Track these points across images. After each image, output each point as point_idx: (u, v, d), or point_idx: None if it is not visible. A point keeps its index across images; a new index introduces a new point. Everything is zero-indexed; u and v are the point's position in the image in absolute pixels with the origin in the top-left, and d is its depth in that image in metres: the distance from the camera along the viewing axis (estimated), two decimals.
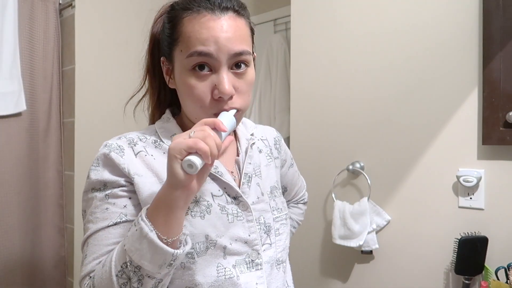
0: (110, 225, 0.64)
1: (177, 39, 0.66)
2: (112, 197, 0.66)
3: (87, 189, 0.69)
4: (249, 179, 0.75)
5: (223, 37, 0.63)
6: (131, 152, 0.68)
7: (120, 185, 0.66)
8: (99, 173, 0.67)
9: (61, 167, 1.62)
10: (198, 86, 0.64)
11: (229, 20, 0.64)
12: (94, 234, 0.65)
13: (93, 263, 0.63)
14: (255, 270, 0.70)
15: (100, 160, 0.68)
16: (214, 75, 0.64)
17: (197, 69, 0.64)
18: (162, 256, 0.56)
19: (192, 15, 0.64)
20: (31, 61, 1.53)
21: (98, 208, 0.66)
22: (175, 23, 0.67)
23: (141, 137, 0.72)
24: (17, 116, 1.48)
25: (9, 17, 1.44)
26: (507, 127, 1.08)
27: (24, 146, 1.50)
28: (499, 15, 1.09)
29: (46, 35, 1.57)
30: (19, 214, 1.48)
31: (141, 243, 0.55)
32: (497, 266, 1.08)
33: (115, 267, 0.57)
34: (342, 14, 1.44)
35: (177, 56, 0.67)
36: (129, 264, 0.56)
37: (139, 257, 0.55)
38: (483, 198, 1.14)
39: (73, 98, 1.59)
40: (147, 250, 0.55)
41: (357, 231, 1.32)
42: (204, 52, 0.62)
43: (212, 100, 0.65)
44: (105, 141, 0.70)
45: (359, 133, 1.40)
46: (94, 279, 0.60)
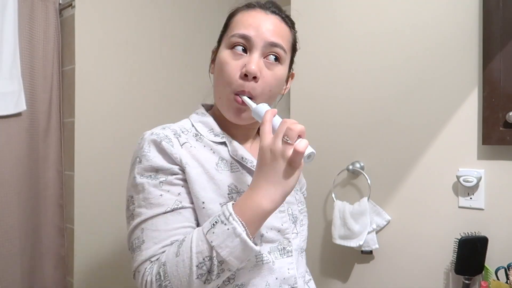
0: (168, 211, 0.67)
1: (227, 26, 0.78)
2: (167, 184, 0.68)
3: (138, 174, 0.70)
4: None
5: (264, 27, 0.73)
6: (177, 143, 0.72)
7: (174, 173, 0.69)
8: (152, 159, 0.69)
9: (61, 167, 1.62)
10: (232, 63, 0.73)
11: (275, 20, 0.75)
12: (149, 219, 0.67)
13: (155, 248, 0.65)
14: (286, 256, 0.76)
15: (151, 147, 0.70)
16: (247, 57, 0.73)
17: (236, 49, 0.73)
18: (248, 253, 0.61)
19: (247, 10, 0.77)
20: (31, 61, 1.53)
21: (152, 194, 0.68)
22: (231, 14, 0.79)
23: (182, 130, 0.76)
24: (17, 116, 1.48)
25: (9, 17, 1.44)
26: (507, 127, 1.08)
27: (24, 146, 1.50)
28: (499, 15, 1.09)
29: (46, 35, 1.57)
30: (19, 214, 1.48)
31: (233, 241, 0.60)
32: (497, 266, 1.08)
33: (196, 259, 0.60)
34: (342, 14, 1.44)
35: (224, 40, 0.77)
36: (214, 258, 0.60)
37: (229, 253, 0.60)
38: (483, 198, 1.14)
39: (73, 98, 1.59)
40: (237, 248, 0.60)
41: (357, 231, 1.32)
42: (244, 34, 0.72)
43: (238, 78, 0.72)
44: (148, 131, 0.74)
45: (359, 133, 1.40)
46: (166, 266, 0.62)
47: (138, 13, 1.76)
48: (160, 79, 1.83)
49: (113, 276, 1.67)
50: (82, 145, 1.59)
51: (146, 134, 0.73)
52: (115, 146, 1.67)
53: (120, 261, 1.69)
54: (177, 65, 1.90)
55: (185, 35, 1.93)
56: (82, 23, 1.59)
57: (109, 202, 1.65)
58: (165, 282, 0.61)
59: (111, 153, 1.66)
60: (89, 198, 1.60)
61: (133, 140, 1.71)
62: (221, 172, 0.73)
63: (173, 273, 0.61)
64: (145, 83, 1.78)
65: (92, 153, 1.61)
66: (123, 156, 1.70)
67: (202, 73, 2.00)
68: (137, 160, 0.71)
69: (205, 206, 0.69)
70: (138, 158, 0.71)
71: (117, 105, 1.69)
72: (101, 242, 1.63)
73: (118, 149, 1.68)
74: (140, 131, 1.74)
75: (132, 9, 1.74)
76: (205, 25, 2.02)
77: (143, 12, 1.77)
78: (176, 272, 0.61)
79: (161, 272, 0.62)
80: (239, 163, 0.77)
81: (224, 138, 0.78)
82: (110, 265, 1.66)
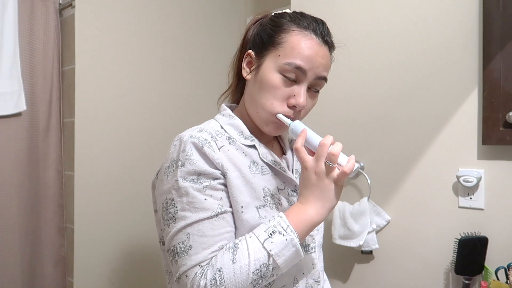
0: (213, 216, 0.69)
1: (278, 43, 0.76)
2: (210, 189, 0.70)
3: (180, 177, 0.70)
4: (299, 175, 0.86)
5: (319, 62, 0.75)
6: (216, 146, 0.73)
7: (216, 178, 0.71)
8: (196, 163, 0.70)
9: (61, 167, 1.62)
10: (282, 89, 0.75)
11: (326, 51, 0.77)
12: (195, 224, 0.68)
13: (204, 254, 0.67)
14: (310, 252, 0.82)
15: (193, 150, 0.71)
16: (296, 87, 0.75)
17: (287, 76, 0.74)
18: (297, 259, 0.69)
19: (301, 31, 0.75)
20: (31, 61, 1.53)
21: (196, 198, 0.69)
22: (281, 29, 0.77)
23: (216, 132, 0.77)
24: (17, 116, 1.48)
25: (9, 17, 1.44)
26: (507, 127, 1.08)
27: (24, 146, 1.50)
28: (499, 15, 1.09)
29: (46, 35, 1.57)
30: (19, 214, 1.48)
31: (290, 250, 0.66)
32: (497, 266, 1.09)
33: (254, 265, 0.65)
34: (342, 14, 1.44)
35: (272, 56, 0.76)
36: (270, 266, 0.66)
37: (284, 261, 0.66)
38: (483, 198, 1.14)
39: (73, 98, 1.58)
40: (291, 257, 0.67)
41: (357, 231, 1.32)
42: (301, 67, 0.73)
43: (284, 105, 0.76)
44: (185, 133, 0.74)
45: (359, 133, 1.40)
46: (223, 272, 0.65)
47: (138, 13, 1.76)
48: (160, 79, 1.83)
49: (113, 276, 1.67)
50: (82, 145, 1.59)
51: (185, 137, 0.73)
52: (115, 146, 1.67)
53: (120, 261, 1.69)
54: (177, 65, 1.90)
55: (185, 35, 1.93)
56: (82, 23, 1.59)
57: (109, 202, 1.65)
58: (220, 287, 0.64)
59: (111, 153, 1.66)
60: (89, 198, 1.60)
61: (134, 139, 1.73)
62: (254, 175, 0.76)
63: (230, 278, 0.65)
64: (145, 83, 1.78)
65: (92, 153, 1.61)
66: (123, 156, 1.70)
67: (202, 73, 2.01)
68: (180, 163, 0.71)
69: (243, 210, 0.72)
70: (181, 161, 0.71)
71: (117, 105, 1.69)
72: (101, 242, 1.63)
73: (118, 149, 1.68)
74: (140, 131, 1.75)
75: (132, 9, 1.74)
76: (205, 25, 2.02)
77: (143, 12, 1.77)
78: (233, 278, 0.64)
79: (217, 278, 0.65)
80: (269, 165, 0.79)
81: (253, 141, 0.80)
82: (110, 265, 1.66)
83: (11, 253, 1.45)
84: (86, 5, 1.60)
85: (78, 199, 1.58)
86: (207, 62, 2.02)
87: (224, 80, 0.91)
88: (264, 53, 0.77)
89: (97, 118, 1.63)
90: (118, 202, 1.68)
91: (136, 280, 1.73)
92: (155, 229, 1.90)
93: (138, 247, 1.73)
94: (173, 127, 1.84)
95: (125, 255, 1.70)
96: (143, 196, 1.75)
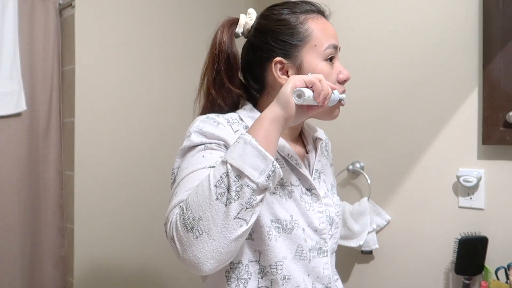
0: (205, 167, 0.68)
1: (307, 36, 0.78)
2: (210, 149, 0.71)
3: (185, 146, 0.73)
4: (319, 175, 0.86)
5: (336, 34, 0.81)
6: (231, 129, 0.75)
7: (218, 144, 0.72)
8: (203, 130, 0.73)
9: (61, 167, 1.62)
10: (332, 72, 0.79)
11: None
12: (188, 175, 0.68)
13: (184, 194, 0.64)
14: (322, 256, 0.80)
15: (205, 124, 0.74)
16: (335, 64, 0.80)
17: (329, 60, 0.79)
18: (263, 162, 0.60)
19: (313, 16, 0.80)
20: (31, 61, 1.53)
21: (195, 156, 0.70)
22: (298, 23, 0.79)
23: (233, 120, 0.78)
24: (17, 116, 1.48)
25: (9, 17, 1.44)
26: (507, 127, 1.08)
27: (24, 146, 1.50)
28: (499, 15, 1.09)
29: (46, 35, 1.57)
30: (19, 214, 1.48)
31: (245, 149, 0.60)
32: (497, 266, 1.08)
33: (213, 178, 0.59)
34: (342, 14, 1.44)
35: (307, 51, 0.78)
36: (229, 171, 0.58)
37: (242, 161, 0.59)
38: (483, 198, 1.14)
39: (73, 98, 1.58)
40: (250, 155, 0.59)
41: (357, 231, 1.32)
42: (336, 45, 0.79)
43: (338, 84, 0.80)
44: (203, 116, 0.76)
45: (359, 133, 1.40)
46: (188, 198, 0.60)
47: (138, 13, 1.76)
48: (160, 79, 1.83)
49: (113, 276, 1.67)
50: (82, 145, 1.59)
51: (201, 117, 0.76)
52: (115, 146, 1.67)
53: (120, 261, 1.69)
54: (177, 65, 1.90)
55: (185, 35, 1.93)
56: (82, 23, 1.59)
57: (109, 202, 1.65)
58: (187, 214, 0.58)
59: (111, 153, 1.66)
60: (89, 198, 1.60)
61: (134, 139, 1.73)
62: None
63: (194, 200, 0.59)
64: (145, 83, 1.78)
65: (92, 153, 1.61)
66: (123, 156, 1.70)
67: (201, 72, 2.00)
68: (188, 134, 0.74)
69: None
70: (189, 132, 0.74)
71: (117, 105, 1.69)
72: (101, 242, 1.63)
73: (118, 149, 1.68)
74: (140, 130, 1.75)
75: (132, 9, 1.74)
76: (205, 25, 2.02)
77: (143, 12, 1.77)
78: (197, 199, 0.59)
79: (183, 206, 0.60)
80: (284, 159, 0.79)
81: None
82: (110, 265, 1.66)
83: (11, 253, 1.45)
84: (86, 5, 1.60)
85: (78, 199, 1.58)
86: None
87: None
88: (297, 52, 0.78)
89: (97, 118, 1.63)
90: (118, 202, 1.68)
91: (136, 280, 1.73)
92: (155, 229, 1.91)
93: (138, 247, 1.73)
94: (173, 127, 1.84)
95: (125, 255, 1.69)
96: (143, 196, 1.75)
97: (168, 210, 0.65)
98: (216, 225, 0.57)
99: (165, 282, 1.81)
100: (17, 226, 1.47)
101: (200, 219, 0.58)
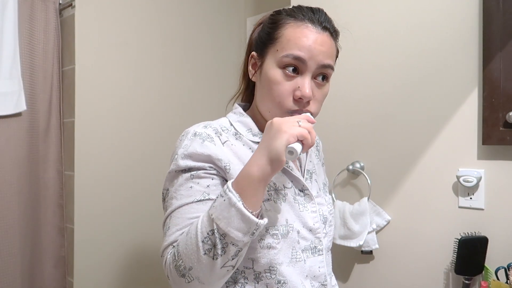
0: (194, 202, 0.70)
1: (276, 39, 0.75)
2: (197, 178, 0.72)
3: (174, 166, 0.74)
4: (310, 176, 0.87)
5: (318, 49, 0.73)
6: (219, 141, 0.75)
7: (204, 168, 0.72)
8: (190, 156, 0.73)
9: (61, 167, 1.62)
10: (284, 83, 0.73)
11: (325, 38, 0.75)
12: (178, 208, 0.71)
13: (176, 234, 0.68)
14: (317, 255, 0.81)
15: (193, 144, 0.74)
16: (299, 78, 0.74)
17: (287, 69, 0.73)
18: (247, 225, 0.61)
19: (296, 22, 0.74)
20: (31, 61, 1.53)
21: (183, 186, 0.72)
22: (278, 24, 0.76)
23: (223, 128, 0.79)
24: (17, 116, 1.48)
25: (9, 17, 1.44)
26: (507, 127, 1.08)
27: (24, 146, 1.50)
28: (499, 15, 1.09)
29: (46, 35, 1.57)
30: (19, 214, 1.48)
31: (229, 211, 0.61)
32: (497, 266, 1.08)
33: (201, 234, 0.62)
34: (341, 14, 1.44)
35: (271, 53, 0.76)
36: (216, 231, 0.61)
37: (227, 224, 0.61)
38: (483, 198, 1.14)
39: (73, 98, 1.59)
40: (234, 218, 0.61)
41: (357, 231, 1.32)
42: (299, 56, 0.72)
43: (291, 99, 0.74)
44: (191, 128, 0.77)
45: (359, 133, 1.40)
46: (179, 246, 0.65)
47: (138, 13, 1.76)
48: (160, 79, 1.83)
49: (113, 276, 1.67)
50: (82, 145, 1.59)
51: (189, 133, 0.76)
52: (115, 146, 1.67)
53: (120, 261, 1.69)
54: (177, 65, 1.90)
55: (185, 35, 1.93)
56: (82, 23, 1.59)
57: (109, 202, 1.65)
58: (179, 262, 0.64)
59: (111, 153, 1.66)
60: (89, 198, 1.60)
61: (133, 139, 1.73)
62: None
63: (183, 251, 0.63)
64: (145, 83, 1.78)
65: (92, 153, 1.61)
66: (123, 156, 1.70)
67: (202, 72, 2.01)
68: (176, 156, 0.74)
69: None
70: (177, 154, 0.74)
71: (117, 105, 1.69)
72: (101, 242, 1.63)
73: (118, 149, 1.68)
74: (140, 130, 1.75)
75: (132, 9, 1.74)
76: (205, 25, 2.02)
77: (143, 12, 1.77)
78: (186, 250, 0.63)
79: (175, 253, 0.65)
80: None
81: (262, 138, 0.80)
82: (110, 265, 1.66)
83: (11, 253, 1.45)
84: (86, 5, 1.60)
85: (78, 199, 1.58)
86: (207, 62, 2.02)
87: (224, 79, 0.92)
88: (265, 51, 0.78)
89: (97, 118, 1.63)
90: (118, 202, 1.68)
91: (136, 280, 1.73)
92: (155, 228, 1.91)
93: (138, 247, 1.73)
94: (173, 127, 1.84)
95: (125, 255, 1.69)
96: (143, 196, 1.75)
97: (162, 246, 0.70)
98: (205, 274, 0.63)
99: (165, 282, 1.81)
100: (17, 226, 1.47)
101: (191, 269, 0.63)
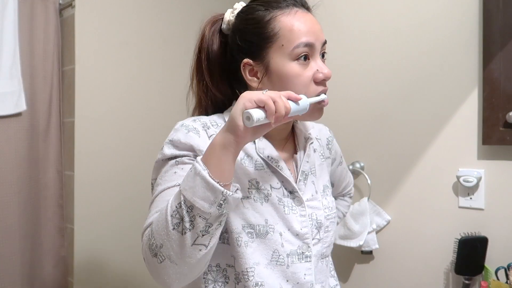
0: (176, 185, 0.68)
1: (273, 36, 0.72)
2: (182, 163, 0.71)
3: (159, 159, 0.75)
4: (306, 177, 0.81)
5: (317, 29, 0.73)
6: (205, 135, 0.74)
7: (188, 155, 0.72)
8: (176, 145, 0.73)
9: (61, 167, 1.62)
10: (303, 73, 0.72)
11: (312, 16, 0.76)
12: (161, 193, 0.70)
13: (155, 216, 0.66)
14: (304, 261, 0.76)
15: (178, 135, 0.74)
16: (312, 63, 0.73)
17: (300, 59, 0.72)
18: (213, 194, 0.59)
19: (285, 11, 0.73)
20: (31, 61, 1.53)
21: (168, 172, 0.71)
22: (266, 21, 0.73)
23: (212, 123, 0.77)
24: (17, 116, 1.48)
25: (9, 17, 1.44)
26: (507, 127, 1.08)
27: (24, 146, 1.50)
28: (499, 15, 1.09)
29: (46, 35, 1.57)
30: (19, 214, 1.48)
31: (195, 180, 0.59)
32: (497, 266, 1.08)
33: (170, 208, 0.60)
34: (341, 13, 1.44)
35: (275, 51, 0.73)
36: (183, 203, 0.59)
37: (192, 194, 0.58)
38: (483, 198, 1.14)
39: (73, 98, 1.59)
40: (199, 187, 0.58)
41: (357, 231, 1.31)
42: (309, 42, 0.71)
43: (313, 84, 0.73)
44: (180, 122, 0.77)
45: (359, 133, 1.40)
46: (152, 225, 0.63)
47: (138, 13, 1.76)
48: (160, 79, 1.83)
49: (113, 276, 1.67)
50: (82, 145, 1.59)
51: (177, 125, 0.76)
52: (115, 146, 1.67)
53: (120, 261, 1.69)
54: (177, 65, 1.90)
55: (185, 35, 1.93)
56: (82, 23, 1.59)
57: (109, 202, 1.65)
58: (151, 241, 0.62)
59: (111, 153, 1.66)
60: (89, 198, 1.60)
61: (133, 139, 1.73)
62: (244, 167, 0.75)
63: (155, 228, 0.62)
64: (145, 83, 1.78)
65: (92, 153, 1.61)
66: (123, 156, 1.70)
67: None
68: (163, 146, 0.75)
69: None
70: (165, 144, 0.75)
71: (117, 105, 1.69)
72: (101, 242, 1.63)
73: (118, 149, 1.68)
74: (140, 130, 1.75)
75: (132, 9, 1.74)
76: None
77: (143, 12, 1.77)
78: (157, 227, 0.61)
79: (149, 232, 0.63)
80: (264, 161, 0.77)
81: None
82: (110, 265, 1.66)
83: (11, 253, 1.45)
84: (86, 5, 1.60)
85: (78, 199, 1.58)
86: None
87: None
88: (264, 53, 0.74)
89: (97, 118, 1.63)
90: (118, 202, 1.68)
91: (136, 280, 1.73)
92: None
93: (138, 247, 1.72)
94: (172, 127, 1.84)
95: (125, 255, 1.69)
96: (143, 196, 1.74)
97: (144, 225, 0.68)
98: (175, 252, 0.60)
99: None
100: (17, 226, 1.47)
101: (161, 247, 0.60)
